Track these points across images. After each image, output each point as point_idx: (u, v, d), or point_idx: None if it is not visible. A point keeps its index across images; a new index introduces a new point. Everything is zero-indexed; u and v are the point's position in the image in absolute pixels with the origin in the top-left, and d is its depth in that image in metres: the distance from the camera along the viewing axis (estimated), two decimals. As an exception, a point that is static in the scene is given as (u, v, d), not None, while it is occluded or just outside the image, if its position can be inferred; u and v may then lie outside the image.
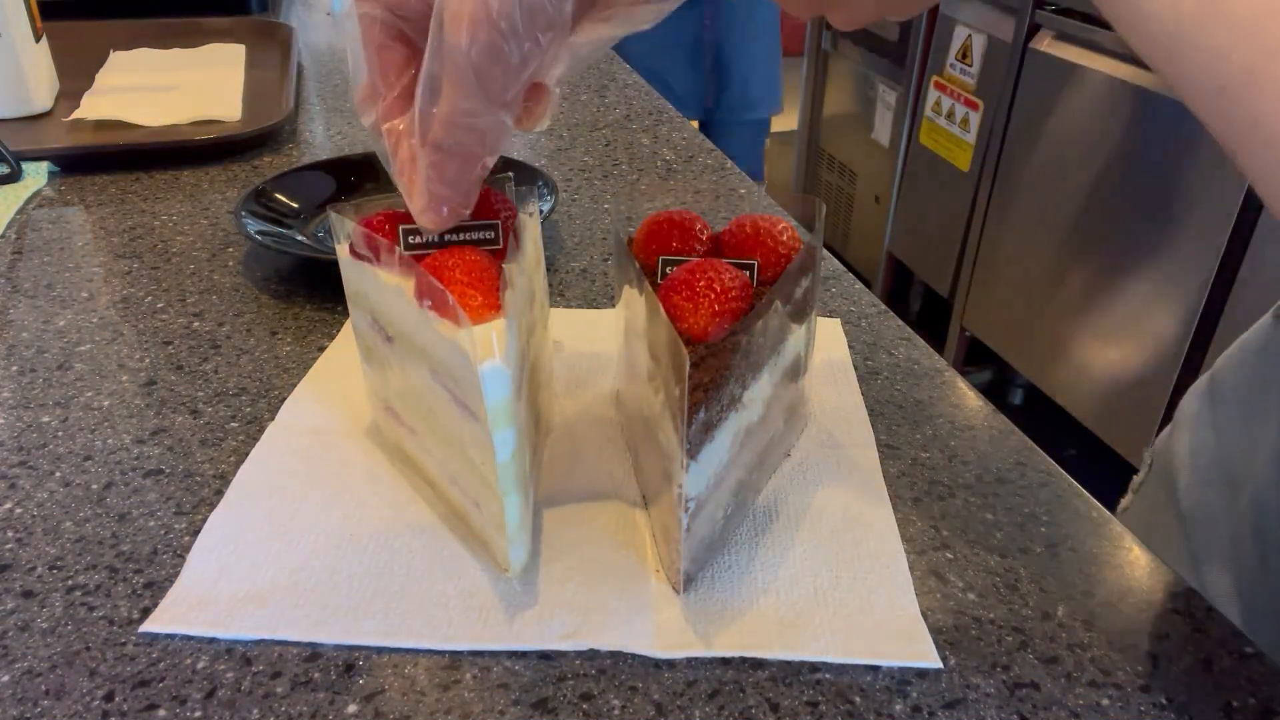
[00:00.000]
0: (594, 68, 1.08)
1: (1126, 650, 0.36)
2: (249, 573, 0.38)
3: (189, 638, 0.36)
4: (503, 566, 0.38)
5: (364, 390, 0.47)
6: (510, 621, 0.36)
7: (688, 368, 0.32)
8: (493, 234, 0.39)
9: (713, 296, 0.36)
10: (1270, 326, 0.61)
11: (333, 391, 0.50)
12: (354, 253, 0.40)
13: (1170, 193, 1.51)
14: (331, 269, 0.43)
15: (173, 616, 0.36)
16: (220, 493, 0.43)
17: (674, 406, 0.34)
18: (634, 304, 0.39)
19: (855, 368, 0.53)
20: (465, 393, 0.36)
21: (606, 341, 0.53)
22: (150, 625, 0.36)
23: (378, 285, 0.39)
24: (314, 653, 0.35)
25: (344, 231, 0.40)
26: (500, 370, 0.34)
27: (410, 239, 0.38)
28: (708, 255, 0.40)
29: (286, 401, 0.49)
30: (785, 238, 0.41)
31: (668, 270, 0.38)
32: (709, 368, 0.34)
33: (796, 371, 0.44)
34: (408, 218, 0.40)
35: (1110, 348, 1.68)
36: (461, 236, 0.39)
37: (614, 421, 0.48)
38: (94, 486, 0.43)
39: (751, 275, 0.38)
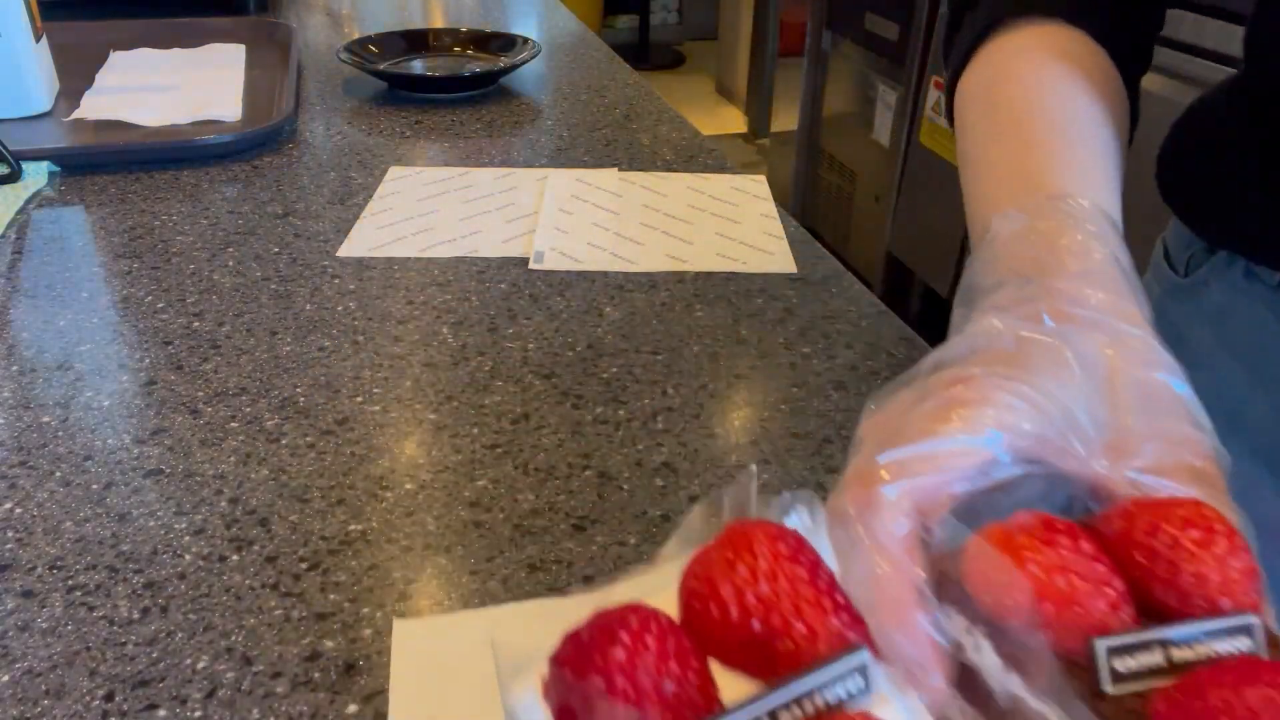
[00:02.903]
0: (595, 67, 1.08)
1: (1126, 650, 0.36)
2: None
3: (190, 637, 0.36)
4: None
5: None
6: None
7: None
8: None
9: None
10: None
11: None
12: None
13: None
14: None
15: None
16: (220, 492, 0.43)
17: None
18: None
19: (855, 368, 0.53)
20: None
21: None
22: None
23: None
24: (314, 652, 0.35)
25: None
26: None
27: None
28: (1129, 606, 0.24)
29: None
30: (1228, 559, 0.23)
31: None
32: None
33: None
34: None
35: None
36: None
37: None
38: (94, 486, 0.43)
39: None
